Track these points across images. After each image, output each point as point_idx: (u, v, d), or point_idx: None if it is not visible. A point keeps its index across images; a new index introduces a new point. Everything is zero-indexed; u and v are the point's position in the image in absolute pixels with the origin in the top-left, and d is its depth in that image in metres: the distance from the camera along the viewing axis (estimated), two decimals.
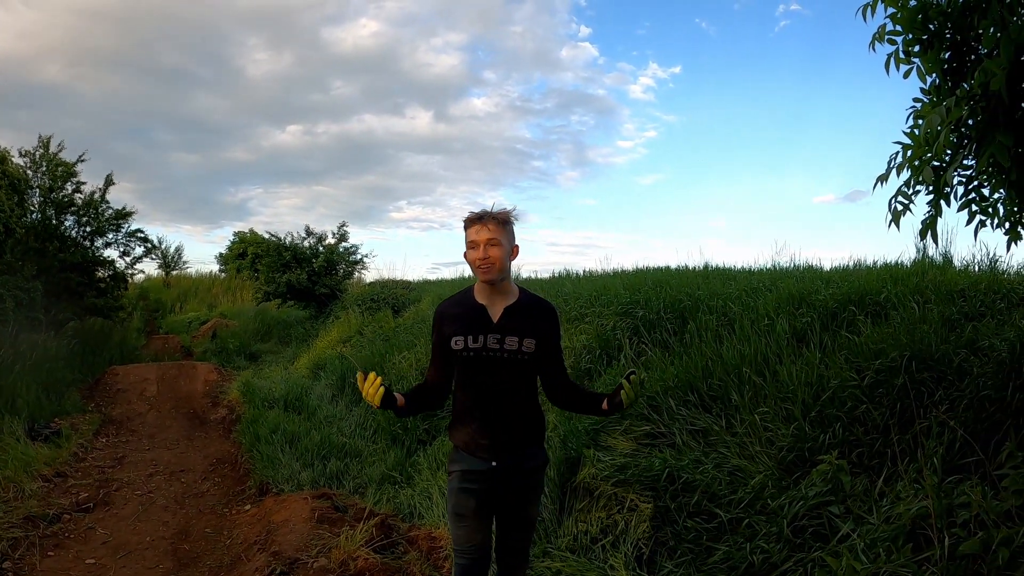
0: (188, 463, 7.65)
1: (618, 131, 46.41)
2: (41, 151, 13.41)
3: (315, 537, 4.73)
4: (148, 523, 5.73)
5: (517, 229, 3.04)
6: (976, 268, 5.77)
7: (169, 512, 6.03)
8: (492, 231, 2.86)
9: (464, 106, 51.65)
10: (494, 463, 2.98)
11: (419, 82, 48.93)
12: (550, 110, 49.25)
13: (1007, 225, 3.32)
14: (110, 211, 14.61)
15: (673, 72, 41.96)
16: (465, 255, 2.98)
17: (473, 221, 2.91)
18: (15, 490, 5.94)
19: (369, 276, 18.33)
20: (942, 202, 3.10)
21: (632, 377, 2.83)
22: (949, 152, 3.09)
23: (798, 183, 36.54)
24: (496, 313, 2.96)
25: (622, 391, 2.85)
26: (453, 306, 3.08)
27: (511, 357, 2.92)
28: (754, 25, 39.40)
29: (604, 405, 2.96)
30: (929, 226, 3.13)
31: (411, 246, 43.81)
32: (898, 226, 3.17)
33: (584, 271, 11.82)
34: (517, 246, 3.02)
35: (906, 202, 3.18)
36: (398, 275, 17.44)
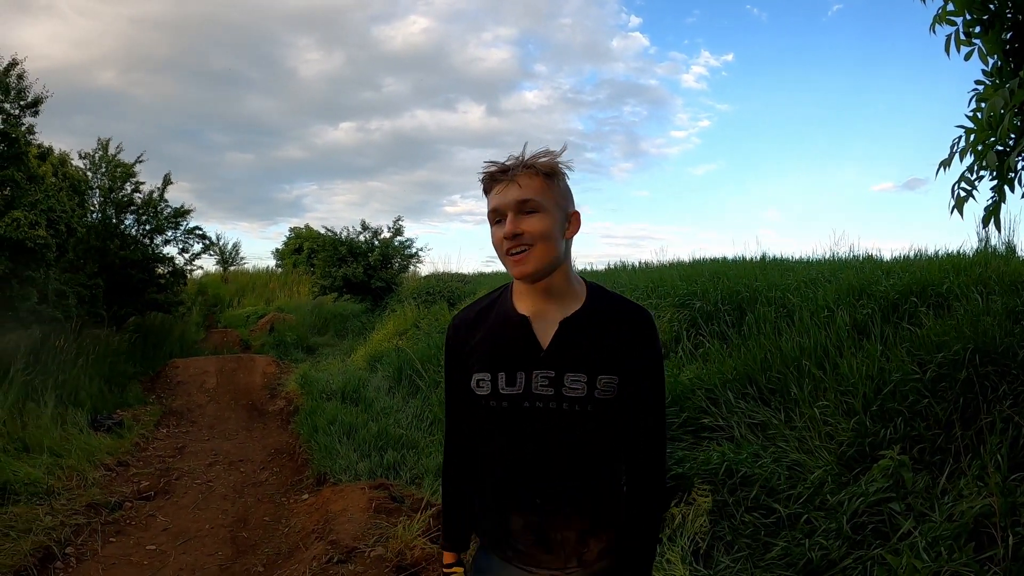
0: (247, 453, 7.80)
1: (671, 121, 46.21)
2: (100, 153, 13.78)
3: (372, 527, 4.78)
4: (207, 511, 5.86)
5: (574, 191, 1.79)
6: None
7: (228, 501, 6.16)
8: (526, 188, 1.63)
9: (516, 100, 51.90)
10: None
11: (470, 77, 49.32)
12: (602, 102, 49.19)
13: None
14: (168, 210, 14.94)
15: (726, 60, 41.59)
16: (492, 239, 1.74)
17: (494, 178, 1.68)
18: (78, 479, 6.13)
19: (424, 270, 18.59)
20: (1006, 187, 3.03)
21: None
22: (1013, 136, 3.01)
23: (855, 171, 35.88)
24: (547, 331, 1.71)
25: None
26: (475, 319, 1.84)
27: (576, 410, 1.66)
28: (806, 9, 38.74)
29: None
30: (992, 212, 3.06)
31: (465, 240, 44.17)
32: (961, 213, 3.10)
33: (640, 263, 11.74)
34: (576, 212, 1.74)
35: (969, 188, 3.11)
36: (453, 268, 17.58)
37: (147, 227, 14.48)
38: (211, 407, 10.22)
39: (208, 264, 30.79)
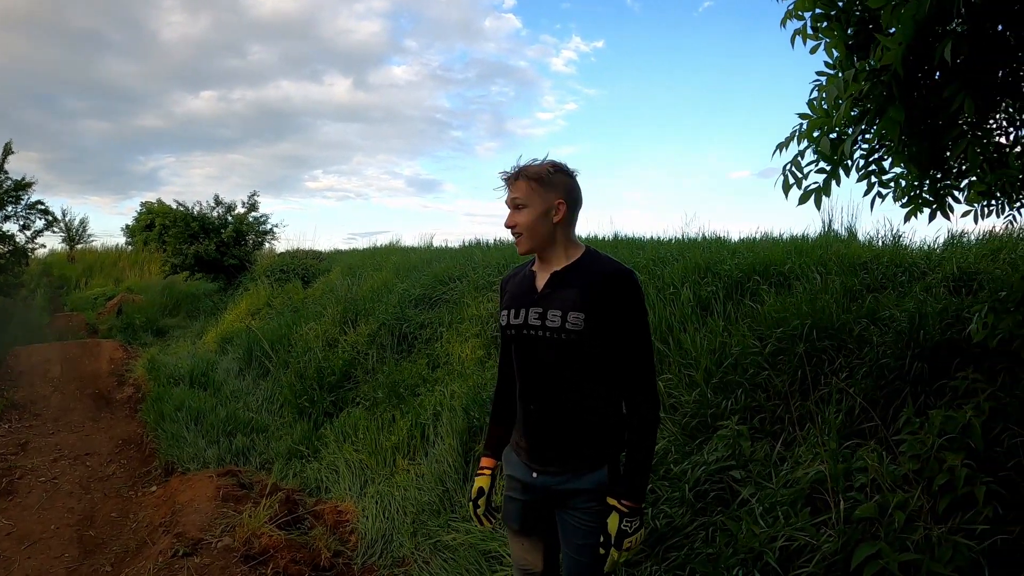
0: (93, 446, 7.41)
1: (538, 103, 46.93)
2: None
3: (220, 516, 4.65)
4: (53, 511, 5.56)
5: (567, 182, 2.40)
6: (880, 242, 5.93)
7: (74, 498, 5.86)
8: (515, 191, 2.34)
9: (384, 74, 51.41)
10: (534, 474, 2.41)
11: (339, 49, 48.46)
12: (470, 80, 49.37)
13: (906, 199, 3.41)
14: (8, 182, 13.93)
15: (596, 46, 42.44)
16: None
17: (504, 183, 2.40)
18: None
19: (281, 247, 17.91)
20: (841, 171, 3.15)
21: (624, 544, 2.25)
22: (851, 127, 3.13)
23: (716, 158, 37.38)
24: (543, 281, 2.39)
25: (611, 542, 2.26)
26: (511, 274, 2.61)
27: (554, 337, 2.29)
28: (678, 3, 39.95)
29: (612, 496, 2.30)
30: (815, 192, 3.18)
31: (326, 216, 43.36)
32: (786, 195, 3.21)
33: (495, 240, 11.72)
34: (562, 201, 2.34)
35: (798, 173, 3.22)
36: (309, 245, 17.15)
37: None
38: (56, 398, 9.60)
39: (53, 242, 29.07)
